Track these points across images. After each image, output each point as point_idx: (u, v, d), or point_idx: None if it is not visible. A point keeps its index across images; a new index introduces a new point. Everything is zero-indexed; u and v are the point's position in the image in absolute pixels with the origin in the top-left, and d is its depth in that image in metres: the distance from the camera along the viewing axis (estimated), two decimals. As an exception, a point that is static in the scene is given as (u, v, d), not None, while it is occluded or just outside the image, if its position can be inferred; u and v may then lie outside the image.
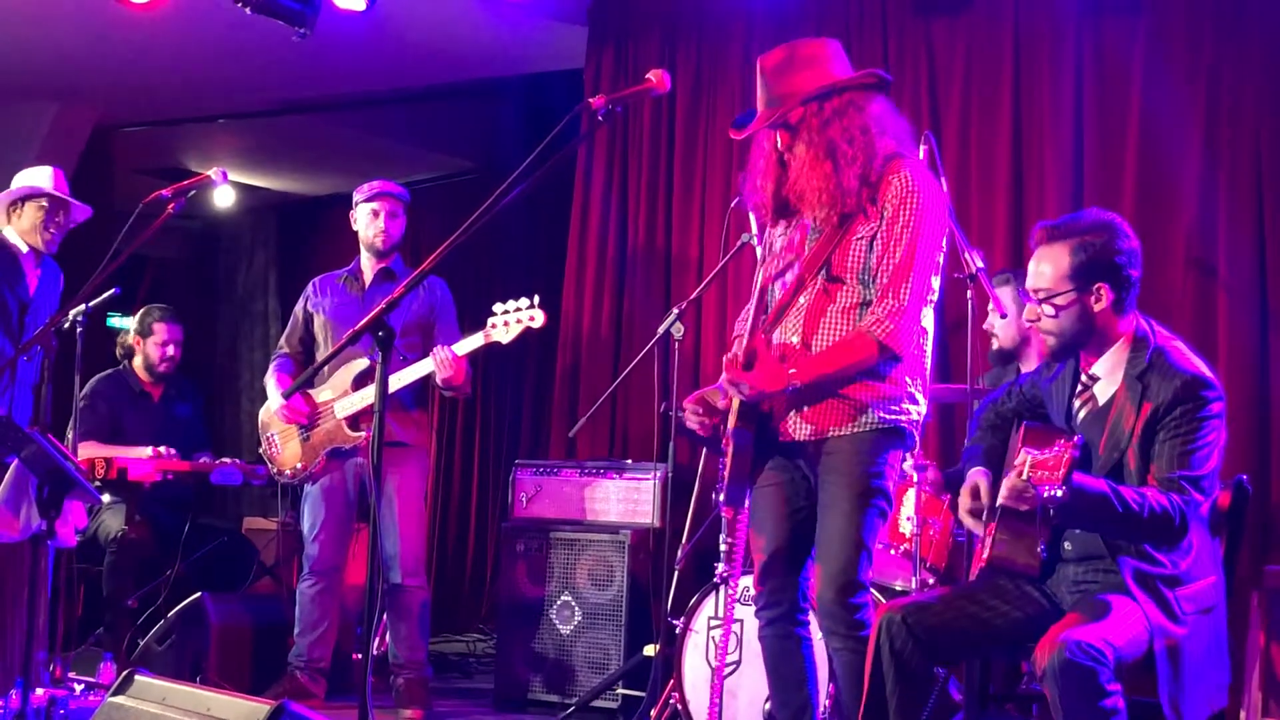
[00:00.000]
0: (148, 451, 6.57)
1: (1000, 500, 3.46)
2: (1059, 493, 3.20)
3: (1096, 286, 3.58)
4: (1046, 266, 3.64)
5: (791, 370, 3.76)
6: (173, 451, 6.63)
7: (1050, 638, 3.34)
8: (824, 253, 3.91)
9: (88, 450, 6.53)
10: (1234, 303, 5.45)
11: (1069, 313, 3.61)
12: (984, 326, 5.24)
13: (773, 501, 4.00)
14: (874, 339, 3.77)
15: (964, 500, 3.81)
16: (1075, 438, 3.22)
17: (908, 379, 3.88)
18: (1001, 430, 3.96)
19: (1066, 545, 3.68)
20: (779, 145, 3.95)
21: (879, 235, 3.83)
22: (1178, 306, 5.49)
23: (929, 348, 3.97)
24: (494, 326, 5.71)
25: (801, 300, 3.93)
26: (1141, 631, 3.42)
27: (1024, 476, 3.25)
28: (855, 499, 3.80)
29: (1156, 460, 3.51)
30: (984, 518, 3.75)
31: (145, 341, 7.05)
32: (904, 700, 3.59)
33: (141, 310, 7.11)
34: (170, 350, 7.05)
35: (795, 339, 3.89)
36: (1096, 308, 3.60)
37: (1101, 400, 3.67)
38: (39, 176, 6.27)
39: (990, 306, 5.09)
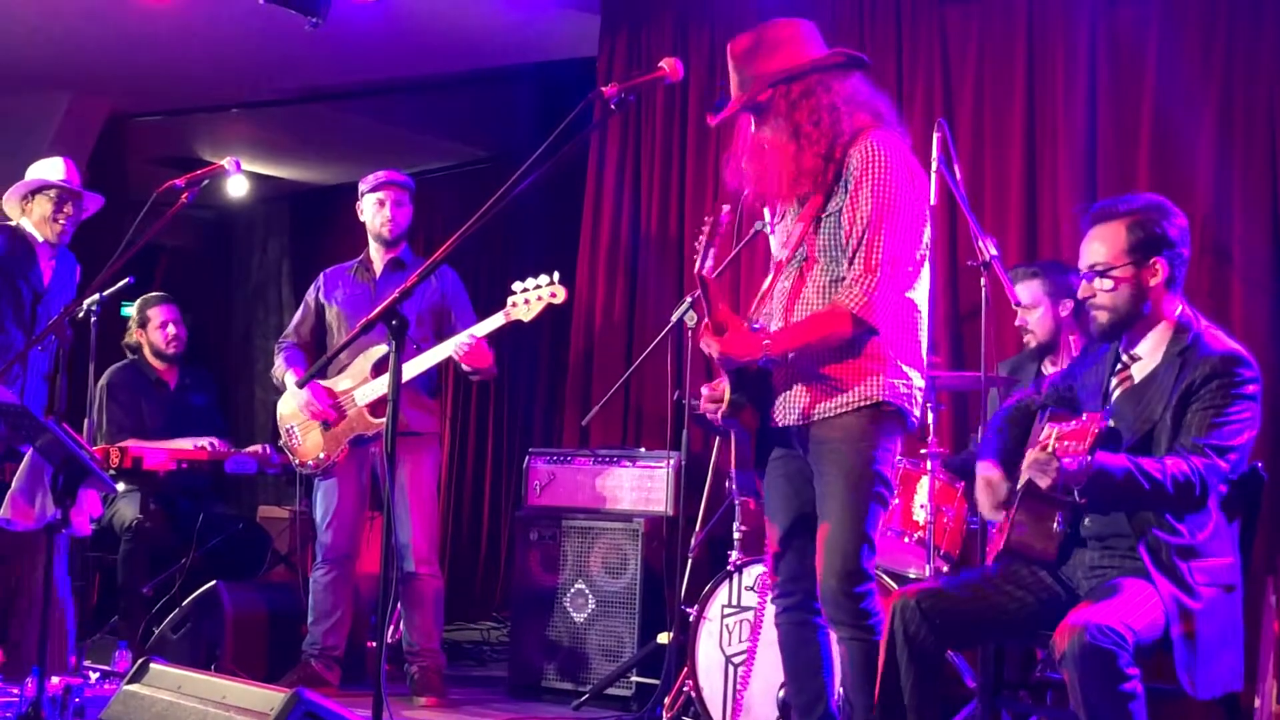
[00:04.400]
0: (202, 443, 6.62)
1: (1022, 473, 3.46)
2: (1085, 462, 3.24)
3: (1153, 261, 3.64)
4: (1101, 245, 3.69)
5: (765, 341, 3.75)
6: (223, 443, 6.69)
7: (1069, 621, 3.34)
8: (800, 235, 3.91)
9: (127, 443, 6.57)
10: (1249, 291, 5.43)
11: (1125, 286, 3.65)
12: (1016, 324, 5.23)
13: (782, 491, 4.01)
14: (846, 310, 3.73)
15: (982, 498, 3.82)
16: (1104, 410, 3.24)
17: (893, 354, 3.82)
18: (1022, 425, 3.95)
19: (1086, 522, 3.69)
20: (752, 128, 3.96)
21: (845, 208, 3.81)
22: (1192, 294, 5.43)
23: (923, 323, 3.92)
24: (514, 305, 5.70)
25: (784, 284, 3.94)
26: (1159, 615, 3.43)
27: (1049, 449, 3.28)
28: (852, 486, 3.78)
29: (1185, 429, 3.54)
30: (1004, 498, 3.75)
31: (146, 330, 7.03)
32: (919, 685, 3.59)
33: (136, 303, 7.10)
34: (172, 329, 7.03)
35: (779, 323, 3.91)
36: (1152, 283, 3.65)
37: (1138, 378, 3.70)
38: (50, 168, 6.30)
39: (1025, 295, 5.09)
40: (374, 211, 6.16)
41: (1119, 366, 3.76)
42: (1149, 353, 3.70)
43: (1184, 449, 3.50)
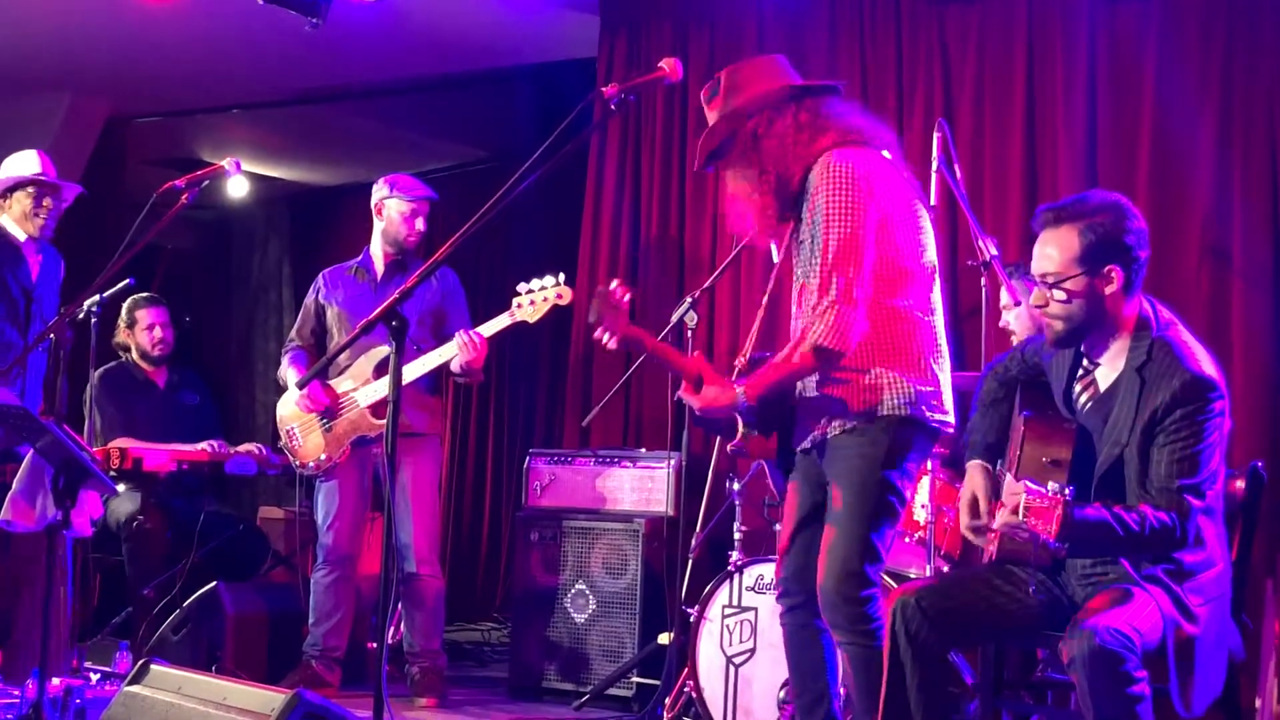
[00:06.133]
0: (202, 445, 6.63)
1: (995, 527, 3.42)
2: (1052, 545, 3.16)
3: (1107, 269, 3.50)
4: (1054, 250, 3.55)
5: (739, 389, 3.80)
6: (222, 444, 6.69)
7: (1078, 624, 3.32)
8: (783, 260, 4.01)
9: (125, 444, 6.56)
10: (1249, 290, 5.43)
11: (1079, 297, 3.53)
12: (1000, 325, 5.22)
13: (799, 491, 4.07)
14: (809, 341, 3.77)
15: (963, 518, 3.79)
16: (1067, 490, 3.11)
17: (887, 367, 3.83)
18: (1004, 403, 3.91)
19: None
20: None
21: (809, 234, 3.87)
22: (1192, 294, 5.47)
23: (921, 327, 3.91)
24: (519, 306, 5.68)
25: (794, 310, 4.03)
26: (1158, 621, 3.41)
27: (1019, 516, 3.16)
28: (855, 492, 3.82)
29: (1155, 466, 3.45)
30: (986, 511, 3.74)
31: (133, 332, 7.00)
32: (923, 683, 3.58)
33: (125, 303, 7.04)
34: (158, 332, 7.00)
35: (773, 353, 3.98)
36: (1107, 291, 3.52)
37: (1102, 387, 3.63)
38: (24, 163, 6.26)
39: (1006, 296, 5.08)
40: (401, 219, 6.10)
41: (1081, 371, 3.69)
42: (1110, 360, 3.61)
43: (1159, 493, 3.41)
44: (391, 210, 6.13)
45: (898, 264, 3.86)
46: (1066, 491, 3.12)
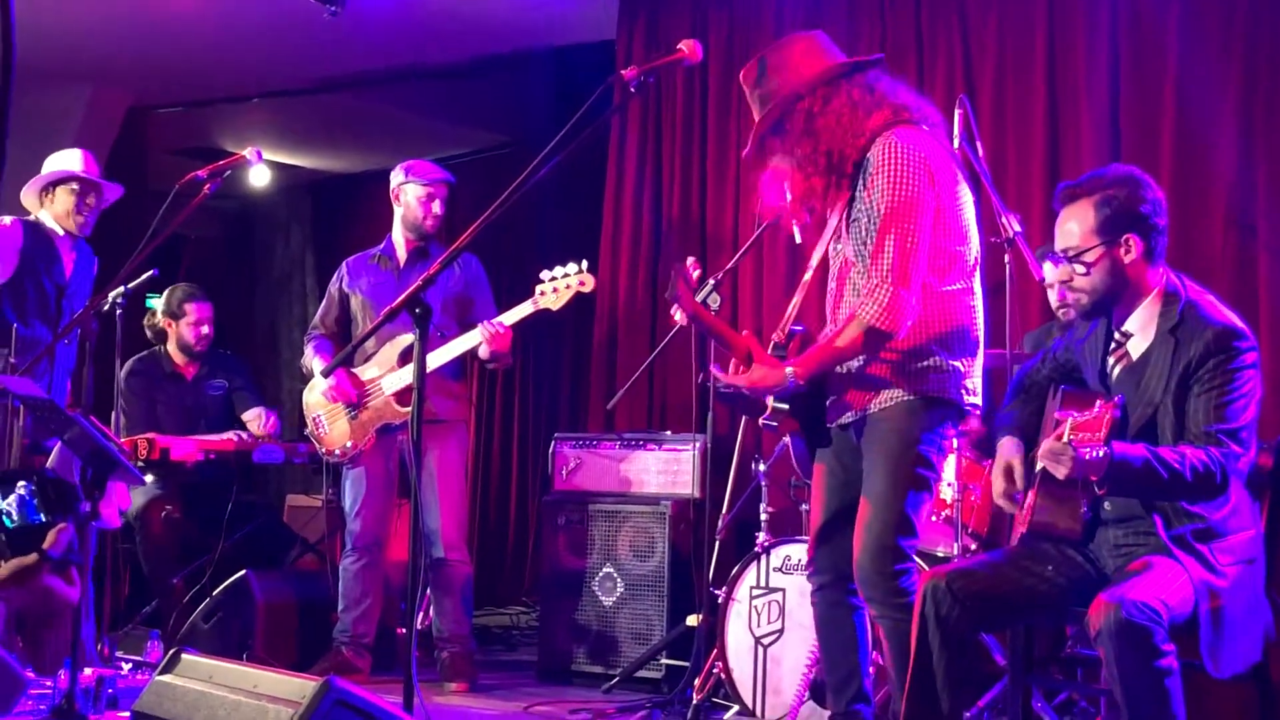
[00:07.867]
0: (229, 435, 6.68)
1: (1039, 461, 3.44)
2: (1100, 453, 3.20)
3: (1125, 238, 3.57)
4: (1073, 225, 3.62)
5: (789, 369, 3.79)
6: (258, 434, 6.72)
7: (1104, 598, 3.32)
8: (833, 235, 4.01)
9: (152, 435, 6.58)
10: (1274, 263, 5.40)
11: (1099, 267, 3.59)
12: (1057, 308, 5.17)
13: (827, 473, 4.08)
14: (859, 323, 3.77)
15: (997, 483, 3.80)
16: (1116, 398, 3.20)
17: (936, 348, 3.85)
18: (1035, 400, 3.94)
19: (1106, 506, 3.67)
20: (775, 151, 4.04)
21: (865, 211, 3.86)
22: (1218, 267, 5.45)
23: (973, 310, 3.93)
24: (542, 294, 5.69)
25: (831, 285, 4.04)
26: (1189, 593, 3.41)
27: (1065, 439, 3.24)
28: (891, 467, 3.84)
29: (1191, 415, 3.48)
30: (1023, 485, 3.74)
31: (178, 324, 6.97)
32: (950, 666, 3.59)
33: (167, 292, 7.02)
34: (205, 329, 6.97)
35: (830, 325, 3.99)
36: (1126, 259, 3.58)
37: (1135, 356, 3.65)
38: (69, 160, 6.28)
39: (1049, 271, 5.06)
40: (419, 203, 6.11)
41: (1113, 345, 3.71)
42: (1140, 328, 3.64)
43: (1197, 438, 3.44)
44: (409, 195, 6.14)
45: (949, 249, 3.89)
46: (1115, 400, 3.17)
